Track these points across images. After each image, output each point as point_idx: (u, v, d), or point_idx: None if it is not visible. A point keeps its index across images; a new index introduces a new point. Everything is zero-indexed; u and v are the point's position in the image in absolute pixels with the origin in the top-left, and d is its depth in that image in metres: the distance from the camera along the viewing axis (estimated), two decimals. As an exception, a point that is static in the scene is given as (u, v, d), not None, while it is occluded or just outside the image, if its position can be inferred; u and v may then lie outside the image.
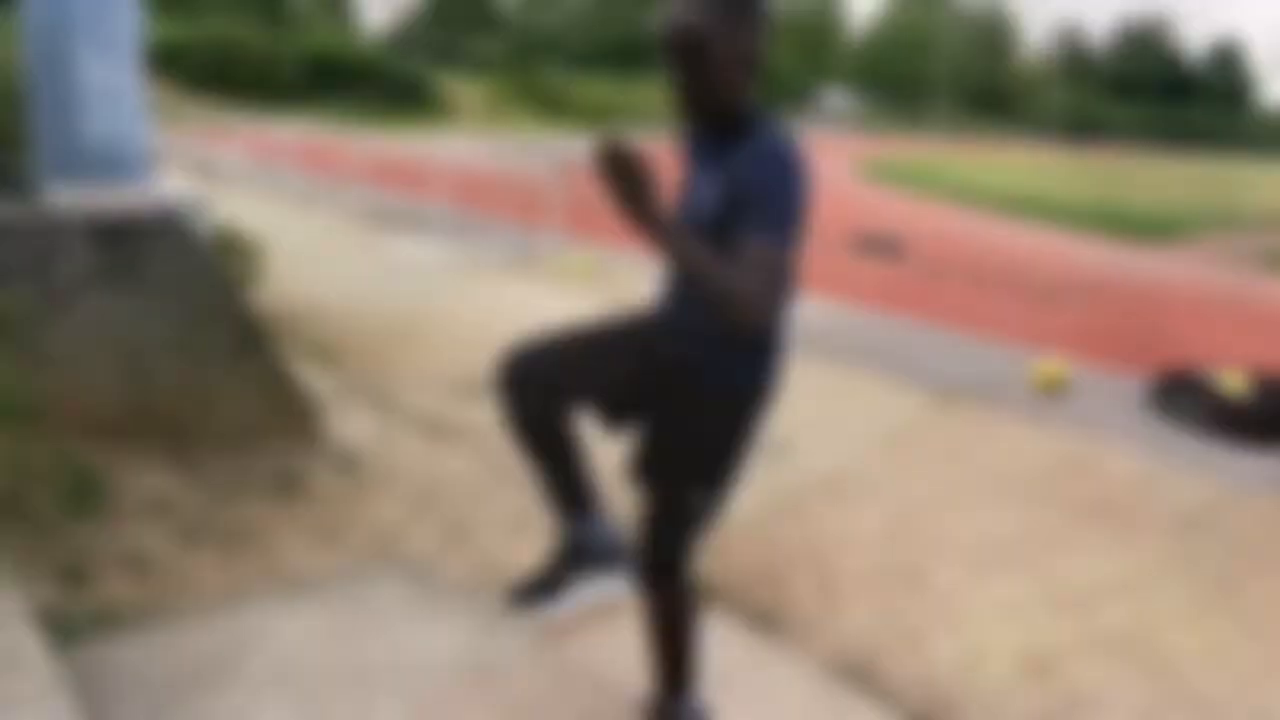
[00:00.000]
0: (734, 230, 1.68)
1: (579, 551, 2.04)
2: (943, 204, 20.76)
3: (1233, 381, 6.01)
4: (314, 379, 5.17)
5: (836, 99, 64.98)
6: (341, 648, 2.17)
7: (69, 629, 2.18)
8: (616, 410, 2.03)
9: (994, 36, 77.75)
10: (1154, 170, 35.96)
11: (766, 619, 3.28)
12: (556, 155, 23.10)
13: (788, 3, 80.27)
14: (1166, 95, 79.23)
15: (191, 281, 3.68)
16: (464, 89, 42.82)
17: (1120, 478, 4.96)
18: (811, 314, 8.38)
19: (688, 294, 1.87)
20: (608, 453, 2.17)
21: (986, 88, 72.77)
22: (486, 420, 5.03)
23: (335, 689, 2.02)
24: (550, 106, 43.41)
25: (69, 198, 4.29)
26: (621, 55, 73.08)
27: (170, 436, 3.66)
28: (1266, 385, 5.97)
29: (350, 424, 4.54)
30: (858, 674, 3.00)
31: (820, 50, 75.50)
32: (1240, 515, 4.57)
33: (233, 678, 2.03)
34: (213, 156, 16.71)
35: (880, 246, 12.84)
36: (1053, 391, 6.48)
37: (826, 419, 5.53)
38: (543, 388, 1.92)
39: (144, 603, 2.47)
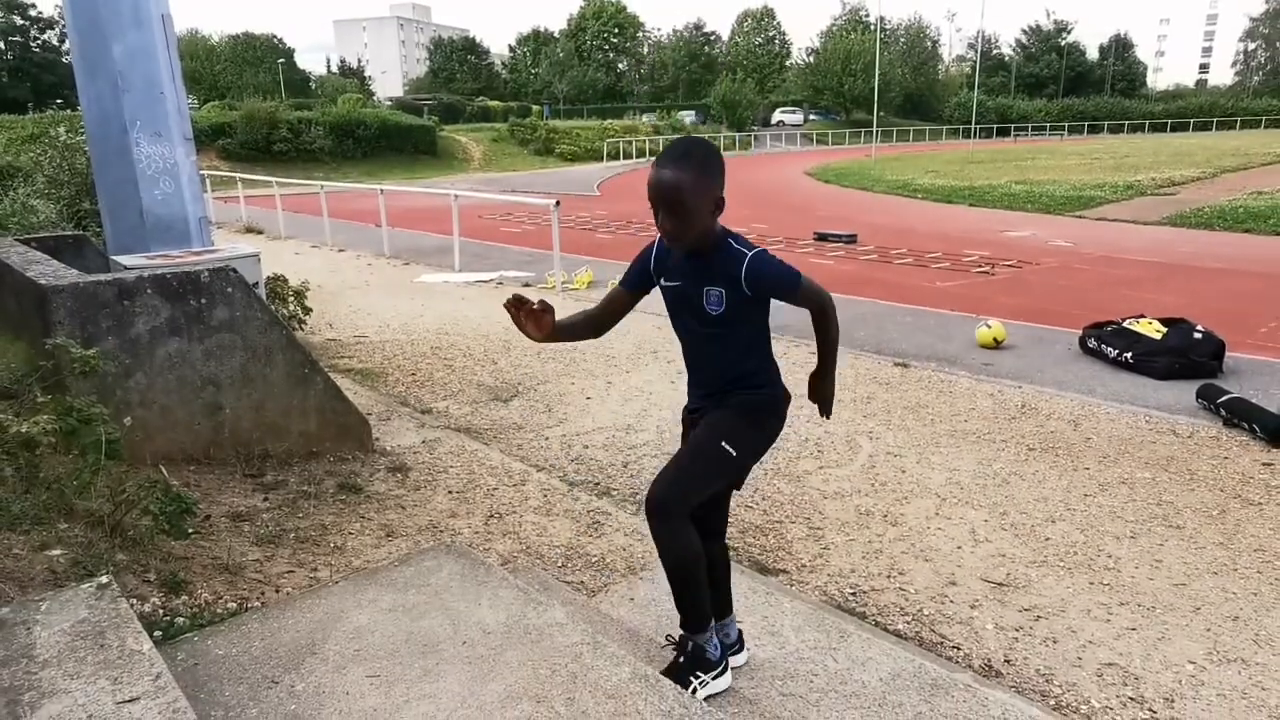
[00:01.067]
0: (737, 316, 2.04)
1: (698, 661, 2.19)
2: (886, 197, 20.72)
3: (1146, 328, 6.00)
4: (363, 398, 5.17)
5: (788, 118, 64.78)
6: (407, 624, 2.16)
7: (173, 630, 2.17)
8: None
9: (918, 51, 77.46)
10: (1064, 154, 35.89)
11: (767, 565, 3.28)
12: (550, 186, 23.05)
13: (745, 42, 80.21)
14: (1069, 89, 79.07)
15: (250, 325, 3.67)
16: (470, 140, 42.79)
17: (1059, 416, 4.95)
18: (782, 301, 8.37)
19: (716, 368, 2.16)
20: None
21: (914, 96, 72.61)
22: (511, 420, 5.04)
23: (405, 660, 2.01)
24: (540, 149, 43.40)
25: (137, 263, 4.29)
26: (603, 95, 73.07)
27: (244, 459, 3.65)
28: (1172, 328, 5.96)
29: (397, 434, 4.54)
30: (848, 606, 3.00)
31: (773, 79, 75.41)
32: (1163, 439, 4.57)
33: (315, 658, 2.02)
34: (260, 216, 16.70)
35: (838, 238, 12.83)
36: (995, 348, 6.48)
37: (803, 391, 5.51)
38: (683, 515, 2.06)
39: (235, 602, 2.47)
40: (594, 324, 2.23)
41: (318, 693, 1.89)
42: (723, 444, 2.09)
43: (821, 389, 2.26)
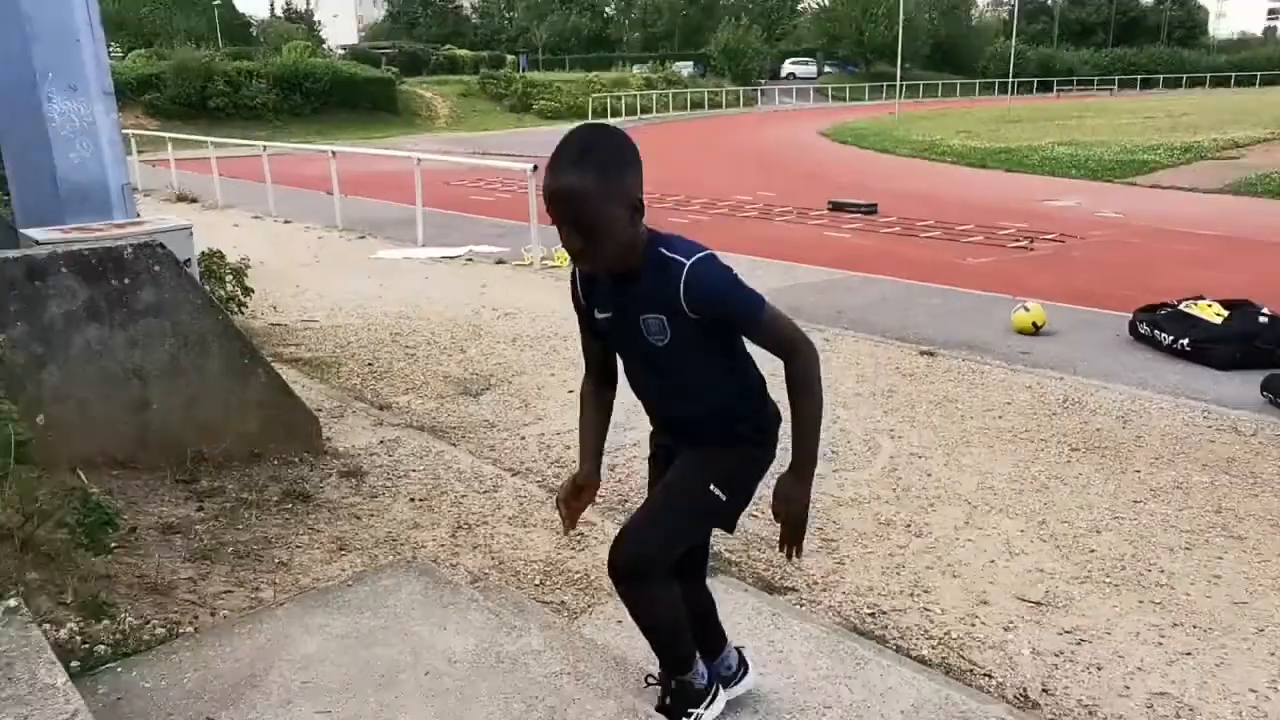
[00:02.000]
0: (688, 344, 1.88)
1: (687, 695, 2.17)
2: (911, 160, 20.75)
3: (1206, 311, 6.03)
4: (312, 392, 5.15)
5: (800, 70, 64.75)
6: (363, 652, 2.16)
7: (93, 660, 2.16)
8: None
9: (947, -5, 77.44)
10: (1114, 112, 35.97)
11: (774, 582, 3.29)
12: (527, 149, 22.99)
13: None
14: (1120, 38, 79.21)
15: (181, 308, 3.64)
16: (435, 95, 42.58)
17: (1106, 411, 4.98)
18: (796, 280, 8.38)
19: (682, 401, 2.03)
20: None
21: (944, 45, 72.60)
22: (482, 416, 5.03)
23: (359, 693, 2.01)
24: (516, 105, 43.27)
25: (50, 237, 4.25)
26: (588, 44, 72.75)
27: (175, 462, 3.64)
28: (1235, 311, 5.99)
29: (352, 433, 4.52)
30: (866, 628, 3.01)
31: (782, 25, 75.25)
32: (1223, 436, 4.60)
33: (256, 691, 2.01)
34: (193, 182, 16.59)
35: (856, 207, 12.84)
36: (1034, 334, 6.50)
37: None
38: (655, 575, 2.01)
39: (164, 626, 2.46)
40: (609, 392, 2.16)
41: (259, 731, 1.89)
42: (711, 488, 1.99)
43: (792, 499, 1.98)
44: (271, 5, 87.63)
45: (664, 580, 1.99)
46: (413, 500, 3.78)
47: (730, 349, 1.98)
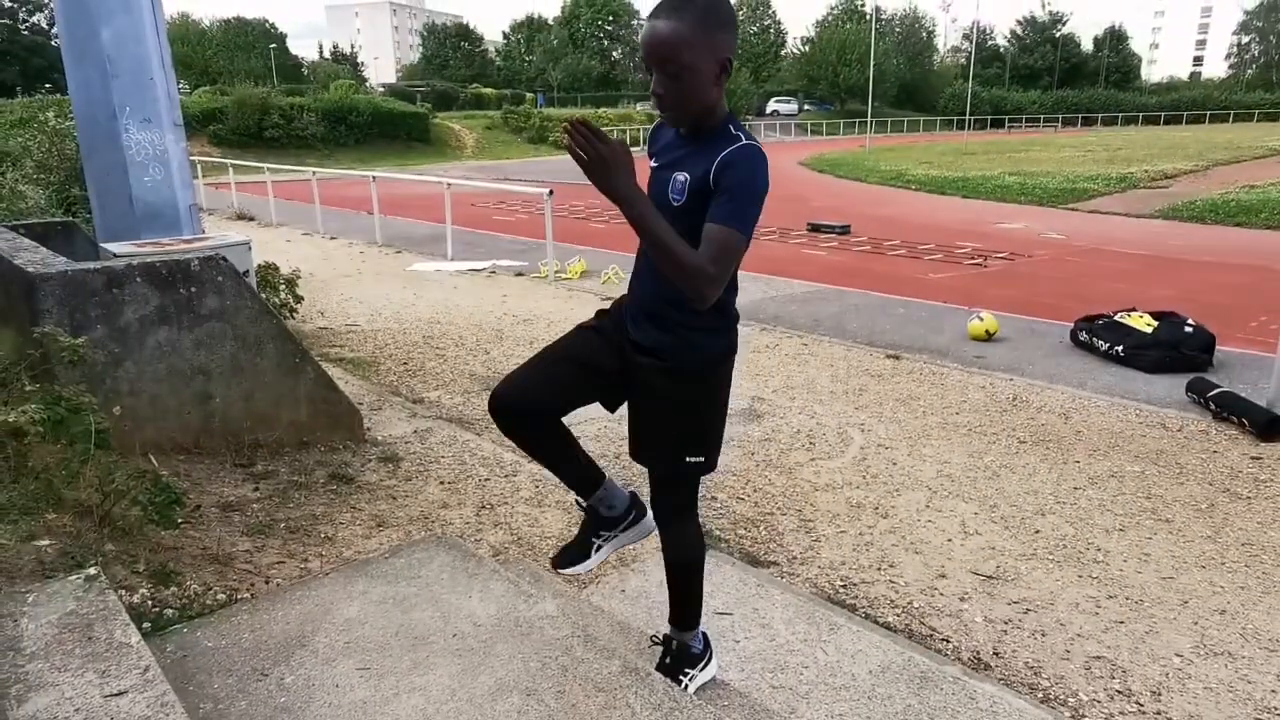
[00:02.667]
0: (699, 218, 1.65)
1: (598, 520, 2.16)
2: (879, 187, 20.70)
3: (1137, 321, 6.02)
4: (354, 387, 5.15)
5: (783, 108, 64.67)
6: (398, 616, 2.16)
7: (162, 622, 2.16)
8: (610, 401, 2.02)
9: (913, 42, 77.37)
10: (1057, 146, 35.90)
11: (758, 557, 3.28)
12: (544, 175, 22.97)
13: (740, 30, 79.84)
14: (1063, 81, 79.10)
15: (241, 313, 3.64)
16: (463, 127, 42.56)
17: (1050, 408, 4.97)
18: (778, 292, 8.37)
19: (658, 280, 1.78)
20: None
21: (909, 86, 72.54)
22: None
23: (395, 652, 2.01)
24: (534, 137, 43.23)
25: (126, 251, 4.25)
26: (597, 83, 72.72)
27: (234, 449, 3.63)
28: (1163, 321, 5.98)
29: (389, 424, 4.52)
30: (839, 598, 3.01)
31: (767, 68, 75.20)
32: (1152, 432, 4.59)
33: (305, 650, 2.01)
34: (251, 203, 16.59)
35: (831, 228, 12.81)
36: (987, 341, 6.49)
37: (798, 382, 5.52)
38: (528, 414, 1.95)
39: (224, 593, 2.45)
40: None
41: (307, 685, 1.88)
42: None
43: (620, 164, 1.61)
44: (320, 48, 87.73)
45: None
46: (442, 483, 3.78)
47: None
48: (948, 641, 2.75)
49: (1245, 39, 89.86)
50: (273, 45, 68.35)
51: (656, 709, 1.80)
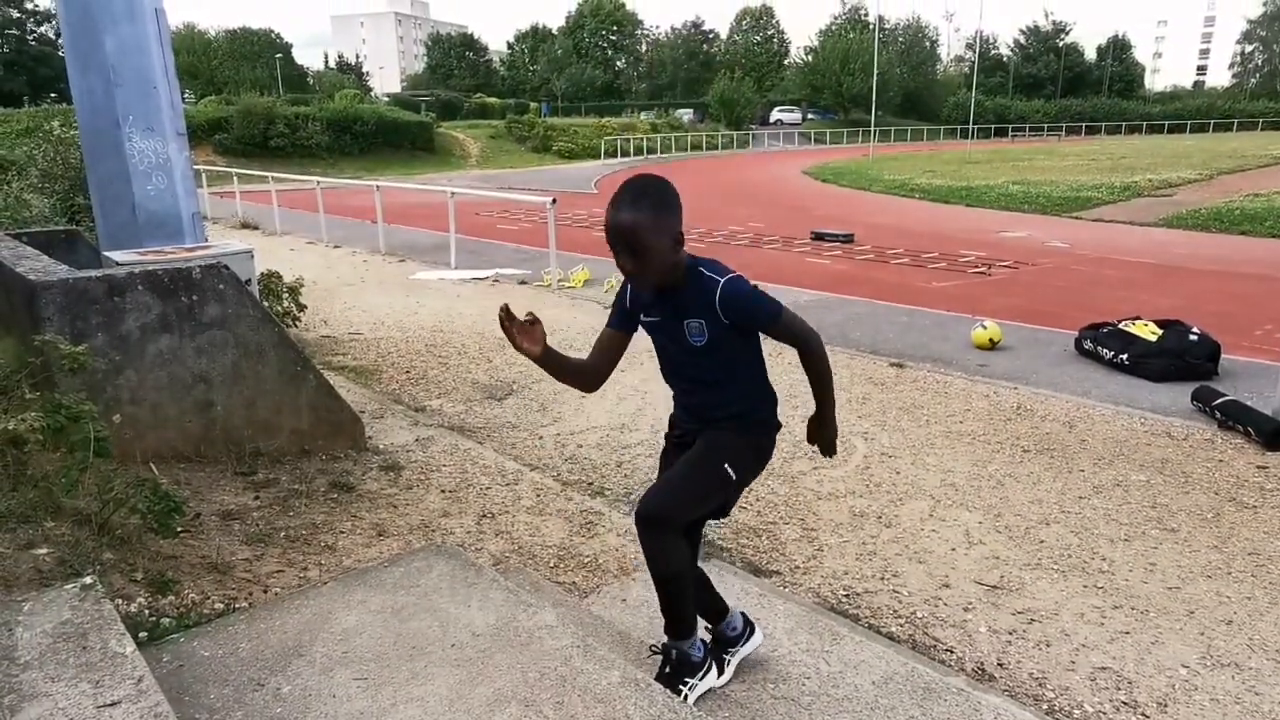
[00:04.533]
0: (720, 343, 2.03)
1: (684, 666, 2.18)
2: (883, 196, 20.72)
3: (1142, 330, 5.99)
4: (356, 395, 5.15)
5: (786, 117, 64.81)
6: (396, 625, 2.14)
7: (159, 631, 2.15)
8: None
9: (917, 51, 77.53)
10: (1061, 155, 35.92)
11: (761, 566, 3.26)
12: (547, 184, 23.02)
13: (743, 40, 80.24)
14: (1067, 90, 79.19)
15: (243, 322, 3.64)
16: (467, 137, 42.72)
17: (1054, 417, 4.94)
18: (782, 301, 8.36)
19: (696, 401, 2.16)
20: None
21: (912, 95, 72.63)
22: (505, 418, 5.02)
23: (393, 662, 1.99)
24: (538, 146, 43.37)
25: (128, 259, 4.26)
26: (601, 93, 72.99)
27: (235, 457, 3.63)
28: (1168, 330, 5.95)
29: (390, 432, 4.51)
30: (841, 608, 2.98)
31: (771, 78, 75.41)
32: (1158, 441, 4.56)
33: (302, 660, 2.00)
34: (256, 212, 16.65)
35: (834, 237, 12.81)
36: (991, 349, 6.47)
37: (801, 391, 5.50)
38: (674, 530, 2.04)
39: (223, 602, 2.44)
40: (588, 374, 2.18)
41: (304, 695, 1.87)
42: (725, 466, 2.07)
43: (823, 434, 2.25)
44: (326, 58, 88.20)
45: (678, 536, 2.03)
46: (443, 492, 3.76)
47: (754, 358, 2.13)
48: (951, 652, 2.73)
49: (1249, 48, 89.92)
50: (278, 55, 68.70)
51: (656, 720, 1.78)
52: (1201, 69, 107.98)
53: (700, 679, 2.17)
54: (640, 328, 2.15)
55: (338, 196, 17.63)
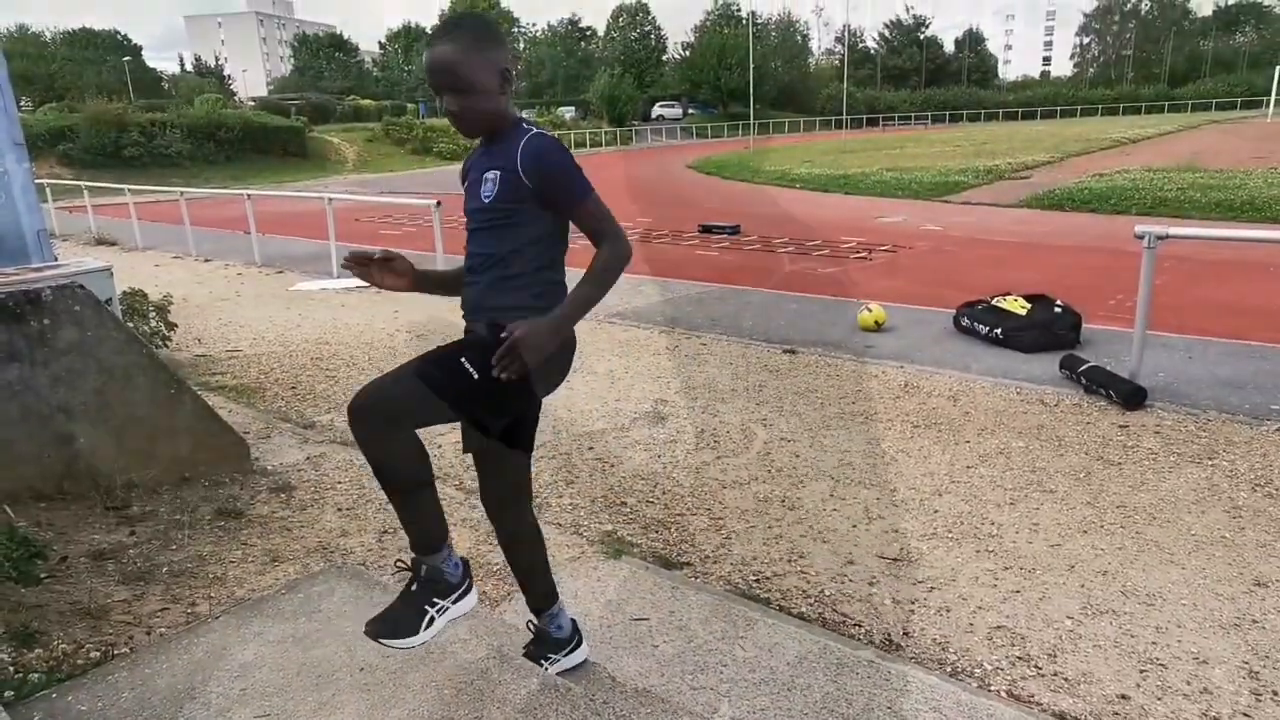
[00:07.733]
0: (510, 205, 1.78)
1: (434, 585, 1.87)
2: (766, 187, 21.27)
3: (1013, 305, 6.38)
4: (239, 416, 4.88)
5: (668, 113, 65.63)
6: (299, 654, 2.04)
7: (27, 688, 1.96)
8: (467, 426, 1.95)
9: (790, 45, 79.98)
10: (929, 142, 37.83)
11: (671, 559, 3.28)
12: (430, 186, 22.46)
13: (620, 37, 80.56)
14: (930, 80, 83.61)
15: (104, 345, 3.38)
16: (342, 141, 41.21)
17: (939, 393, 5.19)
18: (674, 294, 8.45)
19: (477, 289, 1.89)
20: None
21: (788, 89, 74.93)
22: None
23: (297, 694, 1.89)
24: (418, 148, 42.33)
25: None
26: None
27: (105, 491, 3.36)
28: (1035, 304, 6.36)
29: (279, 452, 4.29)
30: (753, 593, 3.04)
31: (650, 74, 76.08)
32: (1033, 408, 4.86)
33: (195, 703, 1.87)
34: (112, 227, 15.53)
35: (722, 229, 13.05)
36: (876, 331, 6.73)
37: (699, 382, 5.58)
38: (386, 420, 1.75)
39: (99, 649, 2.26)
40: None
41: (200, 741, 1.75)
42: (461, 360, 1.76)
43: (530, 329, 1.69)
44: (182, 60, 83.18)
45: (403, 432, 1.74)
46: (340, 510, 3.61)
47: (553, 240, 1.84)
48: (860, 626, 2.82)
49: (1086, 39, 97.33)
50: (126, 58, 64.31)
51: (579, 725, 1.76)
52: (1047, 60, 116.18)
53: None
54: None
55: (205, 207, 16.64)
